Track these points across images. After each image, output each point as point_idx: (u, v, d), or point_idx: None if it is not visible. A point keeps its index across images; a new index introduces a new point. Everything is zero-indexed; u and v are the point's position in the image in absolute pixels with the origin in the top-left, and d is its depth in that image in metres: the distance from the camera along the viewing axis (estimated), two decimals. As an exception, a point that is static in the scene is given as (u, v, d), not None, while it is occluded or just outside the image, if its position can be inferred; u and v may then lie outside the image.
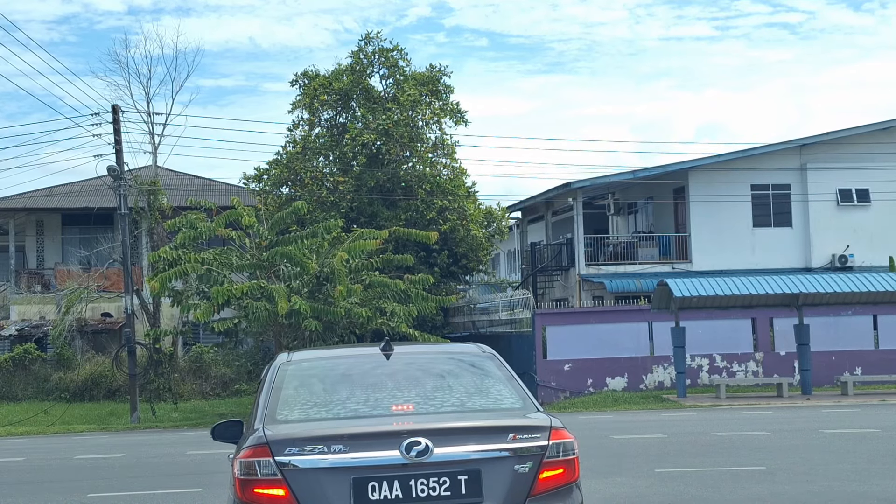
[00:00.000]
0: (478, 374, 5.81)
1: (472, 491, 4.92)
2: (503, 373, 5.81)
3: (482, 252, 31.89)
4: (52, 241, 36.71)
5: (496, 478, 4.96)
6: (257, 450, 4.96)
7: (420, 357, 6.28)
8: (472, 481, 4.93)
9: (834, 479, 11.12)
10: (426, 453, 4.89)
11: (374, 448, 4.93)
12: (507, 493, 4.97)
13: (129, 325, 26.10)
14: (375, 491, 4.87)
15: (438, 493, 4.89)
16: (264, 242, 23.89)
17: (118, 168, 25.85)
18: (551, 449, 5.10)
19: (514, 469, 5.00)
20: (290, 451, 4.90)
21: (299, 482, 4.87)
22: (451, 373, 5.86)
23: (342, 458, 4.89)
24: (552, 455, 5.10)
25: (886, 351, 26.80)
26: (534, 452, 5.06)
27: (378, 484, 4.88)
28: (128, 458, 15.97)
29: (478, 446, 4.98)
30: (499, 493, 4.95)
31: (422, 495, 4.88)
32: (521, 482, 5.00)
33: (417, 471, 4.89)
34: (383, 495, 4.87)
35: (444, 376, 5.80)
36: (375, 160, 30.48)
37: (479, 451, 4.98)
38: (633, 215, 37.57)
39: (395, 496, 4.87)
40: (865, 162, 31.80)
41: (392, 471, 4.89)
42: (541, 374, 26.61)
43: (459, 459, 4.94)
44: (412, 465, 4.88)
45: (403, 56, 32.18)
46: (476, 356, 6.06)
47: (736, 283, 24.18)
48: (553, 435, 5.14)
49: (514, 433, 5.07)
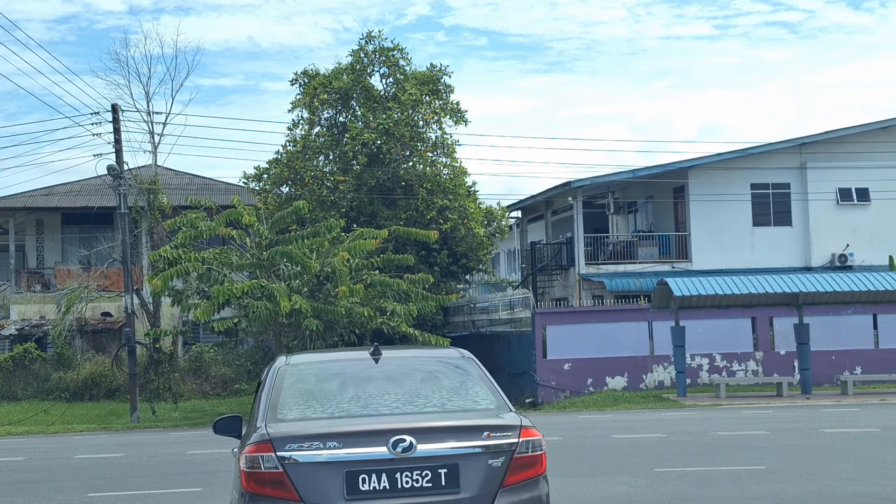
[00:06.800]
0: (457, 377, 6.32)
1: (451, 483, 5.48)
2: (480, 375, 6.32)
3: (482, 251, 31.86)
4: (52, 240, 36.70)
5: (472, 471, 5.52)
6: (260, 446, 5.49)
7: (405, 361, 6.75)
8: (451, 474, 5.49)
9: (834, 478, 11.12)
10: (410, 449, 5.43)
11: (364, 445, 5.46)
12: (481, 485, 5.52)
13: (129, 324, 26.11)
14: (365, 483, 5.43)
15: (421, 485, 5.45)
16: (264, 242, 23.89)
17: (118, 167, 25.85)
18: (521, 446, 5.64)
19: (488, 463, 5.55)
20: (290, 447, 5.43)
21: (298, 474, 5.41)
22: (434, 375, 6.35)
23: (336, 453, 5.42)
24: (522, 451, 5.64)
25: (886, 350, 26.81)
26: (505, 449, 5.60)
27: (368, 476, 5.43)
28: (128, 458, 15.97)
29: (456, 443, 5.53)
30: (474, 485, 5.50)
31: (406, 487, 5.44)
32: (494, 475, 5.55)
33: (403, 465, 5.43)
34: (372, 486, 5.42)
35: (427, 379, 6.30)
36: (376, 159, 30.46)
37: (458, 447, 5.53)
38: (632, 214, 37.55)
39: (383, 487, 5.42)
40: (865, 161, 31.78)
41: (380, 465, 5.44)
42: (541, 373, 26.60)
43: (440, 455, 5.49)
44: (398, 460, 5.43)
45: (404, 55, 32.13)
46: (456, 360, 6.57)
47: (736, 282, 24.18)
48: (523, 433, 5.68)
49: (489, 431, 5.62)
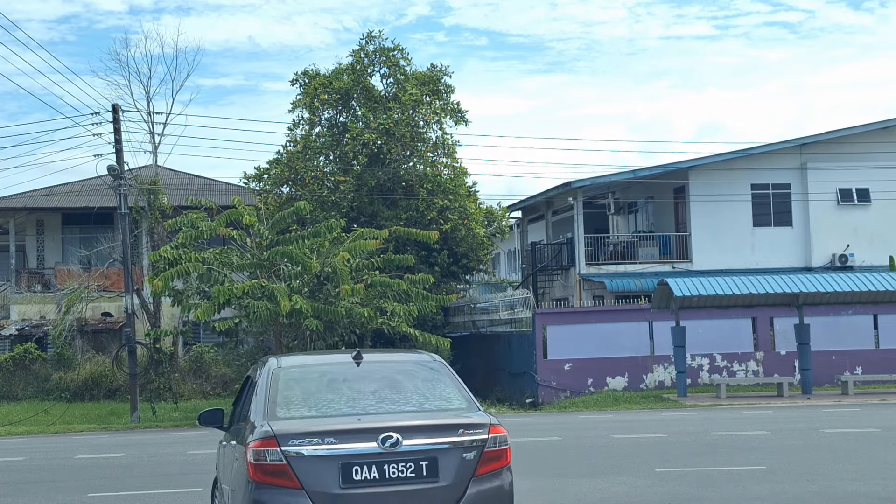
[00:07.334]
0: (430, 379, 7.13)
1: (431, 473, 6.33)
2: (451, 378, 7.16)
3: (482, 252, 31.83)
4: (53, 240, 36.69)
5: (449, 463, 6.37)
6: (266, 441, 6.28)
7: (385, 364, 7.51)
8: (431, 466, 6.34)
9: (835, 478, 11.12)
10: (397, 445, 6.27)
11: (357, 441, 6.28)
12: (456, 475, 6.38)
13: (130, 324, 26.09)
14: (358, 473, 6.25)
15: (406, 475, 6.29)
16: (265, 242, 23.88)
17: (118, 167, 25.83)
18: (490, 441, 6.51)
19: (462, 456, 6.42)
20: (293, 443, 6.23)
21: (300, 466, 6.21)
22: (410, 378, 7.14)
23: (333, 448, 6.24)
24: (491, 446, 6.50)
25: (887, 350, 26.81)
26: (477, 444, 6.46)
27: (360, 468, 6.25)
28: (128, 458, 15.97)
29: (435, 439, 6.39)
30: (450, 475, 6.36)
31: (393, 477, 6.27)
32: (468, 466, 6.42)
33: (390, 458, 6.27)
34: (364, 476, 6.24)
35: (405, 381, 7.09)
36: (376, 160, 30.44)
37: (437, 443, 6.38)
38: (633, 215, 37.54)
39: (374, 477, 6.25)
40: (866, 161, 31.77)
41: (371, 458, 6.27)
42: (541, 373, 26.59)
43: (422, 449, 6.33)
44: (386, 454, 6.26)
45: (404, 55, 32.07)
46: (429, 363, 7.37)
47: (736, 282, 24.18)
48: (492, 430, 6.55)
49: (463, 429, 6.48)
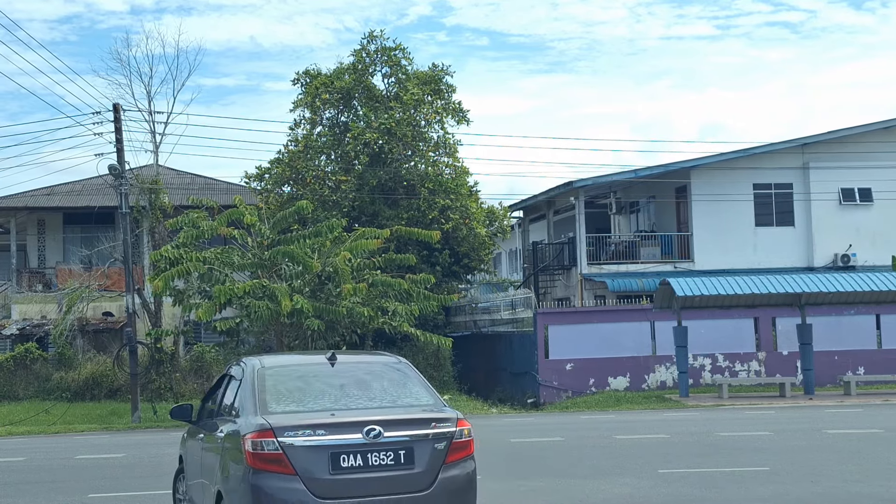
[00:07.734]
0: (399, 379, 8.05)
1: (408, 461, 7.21)
2: (416, 377, 8.11)
3: (484, 251, 31.79)
4: (54, 240, 36.64)
5: (423, 452, 7.26)
6: (263, 433, 7.07)
7: (356, 366, 8.39)
8: (408, 455, 7.22)
9: (838, 479, 11.08)
10: (379, 436, 7.12)
11: (344, 432, 7.13)
12: (429, 462, 7.26)
13: (131, 324, 26.04)
14: (345, 461, 7.08)
15: (386, 463, 7.16)
16: (266, 241, 23.83)
17: (119, 167, 25.77)
18: (457, 433, 7.42)
19: (434, 446, 7.31)
20: (287, 434, 7.04)
21: (294, 454, 7.02)
22: (379, 378, 8.03)
23: (323, 439, 7.08)
24: (458, 437, 7.41)
25: (889, 351, 26.76)
26: (447, 436, 7.37)
27: (347, 456, 7.09)
28: (129, 458, 15.93)
29: (412, 431, 7.27)
30: (424, 462, 7.25)
31: (375, 464, 7.14)
32: (439, 455, 7.31)
33: (373, 448, 7.13)
34: (350, 464, 7.08)
35: (376, 380, 7.99)
36: (377, 159, 30.40)
37: (413, 434, 7.26)
38: (634, 214, 37.48)
39: (359, 464, 7.10)
40: (868, 161, 31.72)
41: (356, 448, 7.12)
42: (542, 373, 26.55)
43: (400, 440, 7.20)
44: (370, 444, 7.12)
45: (406, 55, 32.02)
46: (396, 364, 8.31)
47: (738, 282, 24.13)
48: (459, 424, 7.46)
49: (435, 423, 7.38)
